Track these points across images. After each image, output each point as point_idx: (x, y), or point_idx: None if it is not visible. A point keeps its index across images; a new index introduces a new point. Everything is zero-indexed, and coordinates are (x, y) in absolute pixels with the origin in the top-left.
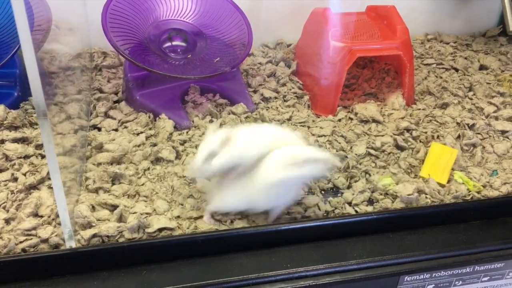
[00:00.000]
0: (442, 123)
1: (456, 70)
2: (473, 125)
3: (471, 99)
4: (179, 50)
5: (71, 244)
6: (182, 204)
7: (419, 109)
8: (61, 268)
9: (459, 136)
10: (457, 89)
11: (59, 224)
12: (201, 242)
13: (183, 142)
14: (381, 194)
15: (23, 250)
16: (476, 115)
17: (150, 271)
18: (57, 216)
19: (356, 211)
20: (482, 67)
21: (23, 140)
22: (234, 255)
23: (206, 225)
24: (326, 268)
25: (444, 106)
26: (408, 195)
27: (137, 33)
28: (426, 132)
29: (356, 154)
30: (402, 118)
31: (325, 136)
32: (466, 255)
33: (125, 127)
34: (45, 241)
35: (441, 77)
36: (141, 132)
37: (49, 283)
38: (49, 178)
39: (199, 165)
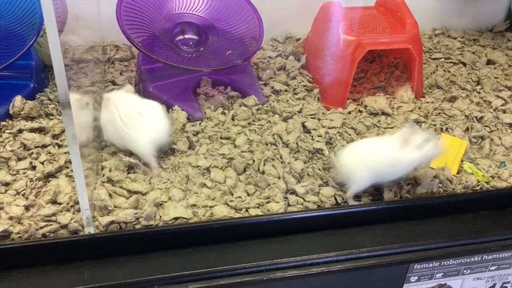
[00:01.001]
0: (451, 116)
1: (464, 64)
2: (481, 118)
3: (479, 92)
4: (191, 43)
5: (89, 230)
6: (197, 193)
7: (428, 102)
8: (80, 253)
9: (467, 129)
10: (465, 83)
11: (78, 211)
12: (216, 229)
13: (196, 133)
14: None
15: (43, 235)
16: (484, 108)
17: (167, 257)
18: (76, 203)
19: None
20: (489, 62)
21: (40, 130)
22: (248, 242)
23: (221, 212)
24: (337, 255)
25: (453, 99)
26: (430, 181)
27: (150, 26)
28: (435, 125)
29: None
30: (411, 111)
31: (335, 128)
32: (474, 244)
33: None
34: (64, 227)
35: (449, 71)
36: None
37: (69, 268)
38: (67, 167)
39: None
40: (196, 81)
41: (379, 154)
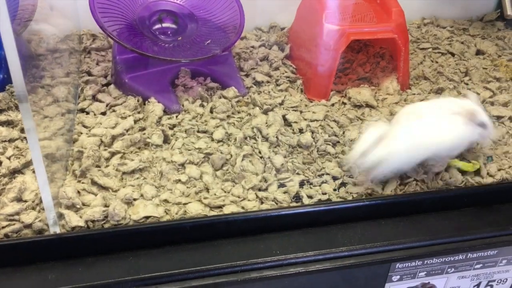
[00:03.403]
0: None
1: (453, 54)
2: None
3: (466, 84)
4: (169, 32)
5: (55, 229)
6: (171, 190)
7: (414, 94)
8: (45, 254)
9: None
10: (453, 74)
11: (43, 209)
12: (189, 228)
13: (172, 126)
14: None
15: (6, 235)
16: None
17: (137, 257)
18: (42, 201)
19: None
20: (479, 52)
21: (8, 123)
22: (222, 241)
23: (195, 210)
24: (316, 255)
25: (440, 91)
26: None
27: (126, 15)
28: None
29: (348, 139)
30: (397, 103)
31: (317, 120)
32: (458, 242)
33: (113, 110)
34: (28, 226)
35: (436, 62)
36: (129, 116)
37: (33, 269)
38: None
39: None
40: (175, 72)
41: (441, 128)
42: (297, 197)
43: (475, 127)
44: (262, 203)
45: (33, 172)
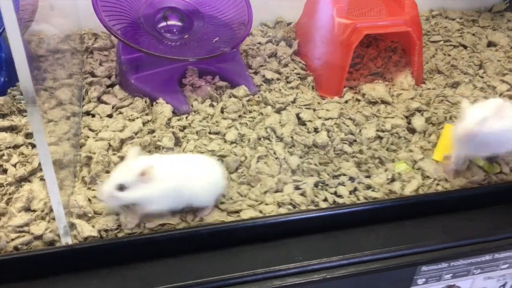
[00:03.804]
0: (454, 103)
1: (465, 47)
2: None
3: (482, 77)
4: (175, 30)
5: (67, 240)
6: None
7: (429, 88)
8: (57, 267)
9: None
10: (467, 67)
11: (54, 219)
12: (207, 235)
13: (183, 128)
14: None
15: (16, 248)
16: (489, 94)
17: (153, 267)
18: (51, 210)
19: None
20: (490, 44)
21: (11, 129)
22: (241, 248)
23: (211, 216)
24: (340, 260)
25: (455, 85)
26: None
27: (130, 12)
28: (437, 113)
29: (366, 138)
30: (412, 98)
31: (332, 119)
32: (485, 243)
33: (120, 112)
34: (39, 237)
35: (449, 55)
36: (138, 118)
37: (45, 283)
38: (41, 169)
39: (109, 191)
40: (182, 71)
41: None
42: (315, 200)
43: None
44: (279, 206)
45: (41, 179)
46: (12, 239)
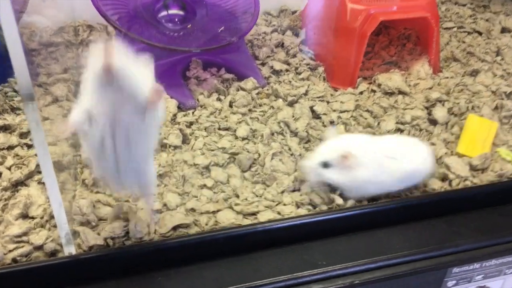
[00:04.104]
0: (475, 92)
1: (479, 33)
2: (511, 93)
3: (500, 64)
4: (176, 19)
5: (70, 250)
6: (196, 196)
7: (447, 77)
8: (61, 279)
9: (496, 107)
10: (485, 54)
11: (55, 226)
12: (223, 240)
13: (189, 124)
14: None
15: (14, 260)
16: (511, 82)
17: (166, 277)
18: (52, 217)
19: None
20: (504, 30)
21: (4, 128)
22: (260, 254)
23: (226, 219)
24: (366, 263)
25: (474, 73)
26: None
27: (129, 1)
28: (458, 103)
29: (385, 130)
30: (431, 88)
31: (348, 111)
32: None
33: None
34: (39, 248)
35: (464, 42)
36: None
37: None
38: (39, 172)
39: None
40: (185, 64)
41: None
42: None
43: None
44: (298, 207)
45: (39, 183)
46: (10, 250)
